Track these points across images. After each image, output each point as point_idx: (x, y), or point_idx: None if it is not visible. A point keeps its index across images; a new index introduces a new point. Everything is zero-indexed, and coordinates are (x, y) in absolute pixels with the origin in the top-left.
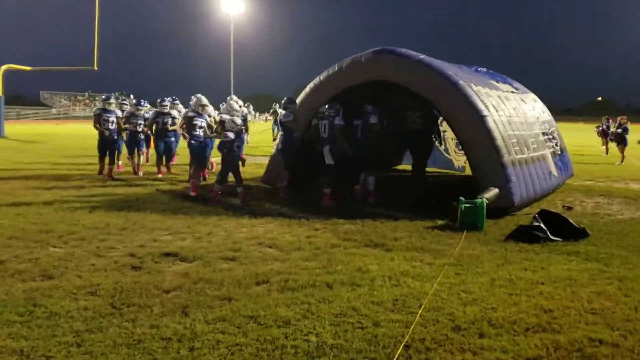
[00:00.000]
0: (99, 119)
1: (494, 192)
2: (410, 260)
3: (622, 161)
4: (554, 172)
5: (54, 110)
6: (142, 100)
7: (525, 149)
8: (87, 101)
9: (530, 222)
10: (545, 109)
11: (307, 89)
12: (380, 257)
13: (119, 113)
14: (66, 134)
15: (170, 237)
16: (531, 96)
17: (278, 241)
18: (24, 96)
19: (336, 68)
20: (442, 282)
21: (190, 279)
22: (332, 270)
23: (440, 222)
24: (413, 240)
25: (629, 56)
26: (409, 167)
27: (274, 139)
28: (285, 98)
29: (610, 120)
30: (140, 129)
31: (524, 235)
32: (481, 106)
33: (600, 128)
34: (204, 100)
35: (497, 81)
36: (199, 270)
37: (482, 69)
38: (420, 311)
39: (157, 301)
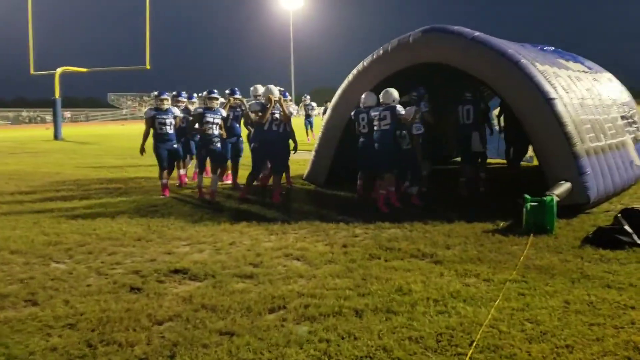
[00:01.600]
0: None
1: (565, 187)
2: (463, 276)
3: None
4: (637, 161)
5: (124, 111)
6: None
7: (602, 135)
8: (153, 101)
9: (611, 223)
10: (624, 89)
11: (350, 76)
12: (427, 271)
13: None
14: (124, 134)
15: (188, 249)
16: (606, 75)
17: (308, 252)
18: (95, 98)
19: (381, 52)
20: (502, 306)
21: (192, 305)
22: (365, 291)
23: (502, 223)
24: (468, 249)
25: None
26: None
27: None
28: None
29: None
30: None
31: (605, 239)
32: (548, 87)
33: None
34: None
35: (567, 60)
36: (206, 292)
37: (549, 47)
38: (470, 352)
39: (144, 337)
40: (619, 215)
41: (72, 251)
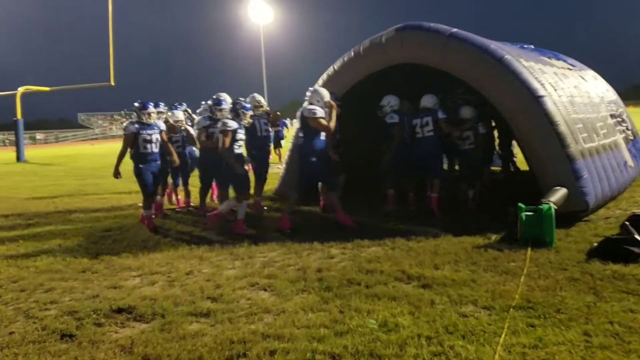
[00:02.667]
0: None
1: (561, 193)
2: (459, 304)
3: None
4: (630, 161)
5: (96, 130)
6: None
7: (595, 135)
8: (124, 120)
9: (618, 233)
10: (610, 87)
11: (320, 81)
12: (415, 299)
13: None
14: (91, 154)
15: (137, 281)
16: (591, 73)
17: (277, 280)
18: (66, 119)
19: (352, 53)
20: (510, 343)
21: (132, 357)
22: (343, 329)
23: (494, 236)
24: (460, 268)
25: None
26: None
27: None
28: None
29: None
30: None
31: (613, 251)
32: (536, 84)
33: None
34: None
35: (549, 58)
36: (151, 337)
37: (529, 45)
38: None
39: None
40: (627, 223)
41: (3, 288)
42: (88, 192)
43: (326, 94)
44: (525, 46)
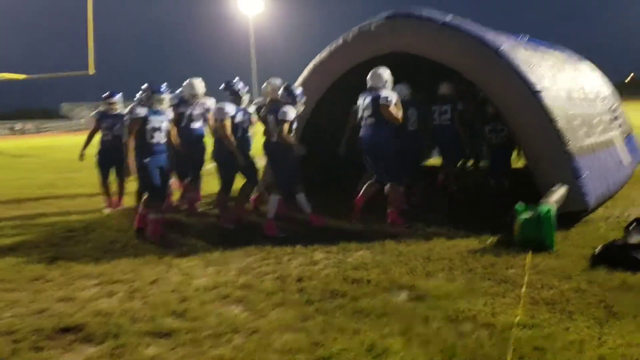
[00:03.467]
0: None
1: (561, 192)
2: (455, 321)
3: None
4: (624, 159)
5: (81, 121)
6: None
7: (592, 131)
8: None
9: (623, 237)
10: (605, 80)
11: (305, 72)
12: (406, 315)
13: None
14: (72, 144)
15: (95, 291)
16: (587, 65)
17: (252, 291)
18: (50, 109)
19: (340, 41)
20: None
21: None
22: (324, 354)
23: (490, 238)
24: (455, 276)
25: None
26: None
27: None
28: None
29: None
30: None
31: (618, 257)
32: (533, 78)
33: None
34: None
35: (546, 48)
36: None
37: (525, 36)
38: None
39: None
40: (632, 226)
41: None
42: (59, 187)
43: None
44: (520, 37)
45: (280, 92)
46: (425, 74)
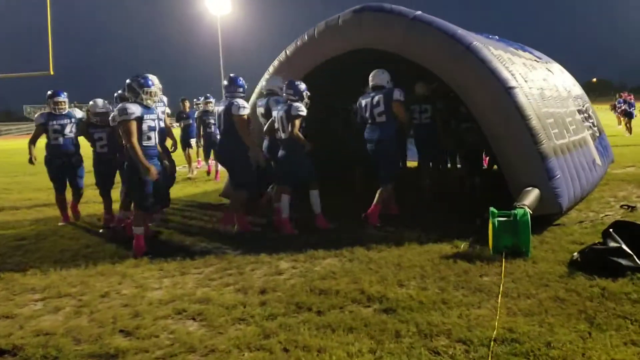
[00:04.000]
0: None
1: (534, 195)
2: (429, 335)
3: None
4: (598, 159)
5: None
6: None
7: (565, 131)
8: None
9: (601, 241)
10: (575, 81)
11: (271, 68)
12: (376, 330)
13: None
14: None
15: (39, 307)
16: (557, 66)
17: (211, 305)
18: (12, 111)
19: (306, 37)
20: None
21: None
22: None
23: (463, 244)
24: (428, 285)
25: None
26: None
27: None
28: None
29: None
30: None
31: (597, 263)
32: (506, 74)
33: (621, 107)
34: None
35: (516, 49)
36: None
37: (494, 36)
38: None
39: None
40: (611, 230)
41: None
42: (13, 191)
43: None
44: (490, 37)
45: (284, 88)
46: (400, 72)
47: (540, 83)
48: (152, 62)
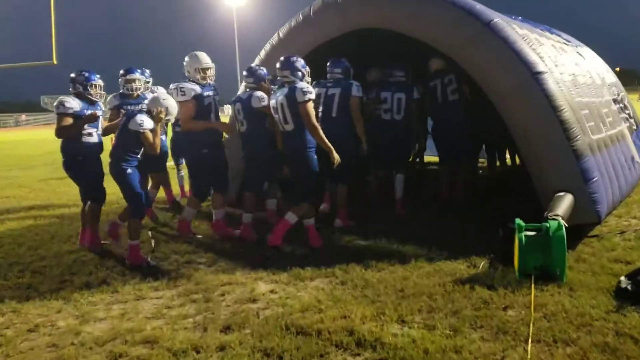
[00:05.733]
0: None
1: (567, 201)
2: None
3: None
4: (637, 156)
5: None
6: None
7: (601, 124)
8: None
9: None
10: (608, 68)
11: (262, 52)
12: None
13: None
14: (41, 139)
15: None
16: (588, 50)
17: (156, 347)
18: (33, 102)
19: (301, 18)
20: None
21: None
22: None
23: (479, 261)
24: (436, 322)
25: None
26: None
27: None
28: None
29: None
30: None
31: None
32: (533, 57)
33: None
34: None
35: (542, 30)
36: None
37: (517, 17)
38: None
39: None
40: None
41: None
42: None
43: None
44: (514, 17)
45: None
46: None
47: (572, 68)
48: (166, 54)
